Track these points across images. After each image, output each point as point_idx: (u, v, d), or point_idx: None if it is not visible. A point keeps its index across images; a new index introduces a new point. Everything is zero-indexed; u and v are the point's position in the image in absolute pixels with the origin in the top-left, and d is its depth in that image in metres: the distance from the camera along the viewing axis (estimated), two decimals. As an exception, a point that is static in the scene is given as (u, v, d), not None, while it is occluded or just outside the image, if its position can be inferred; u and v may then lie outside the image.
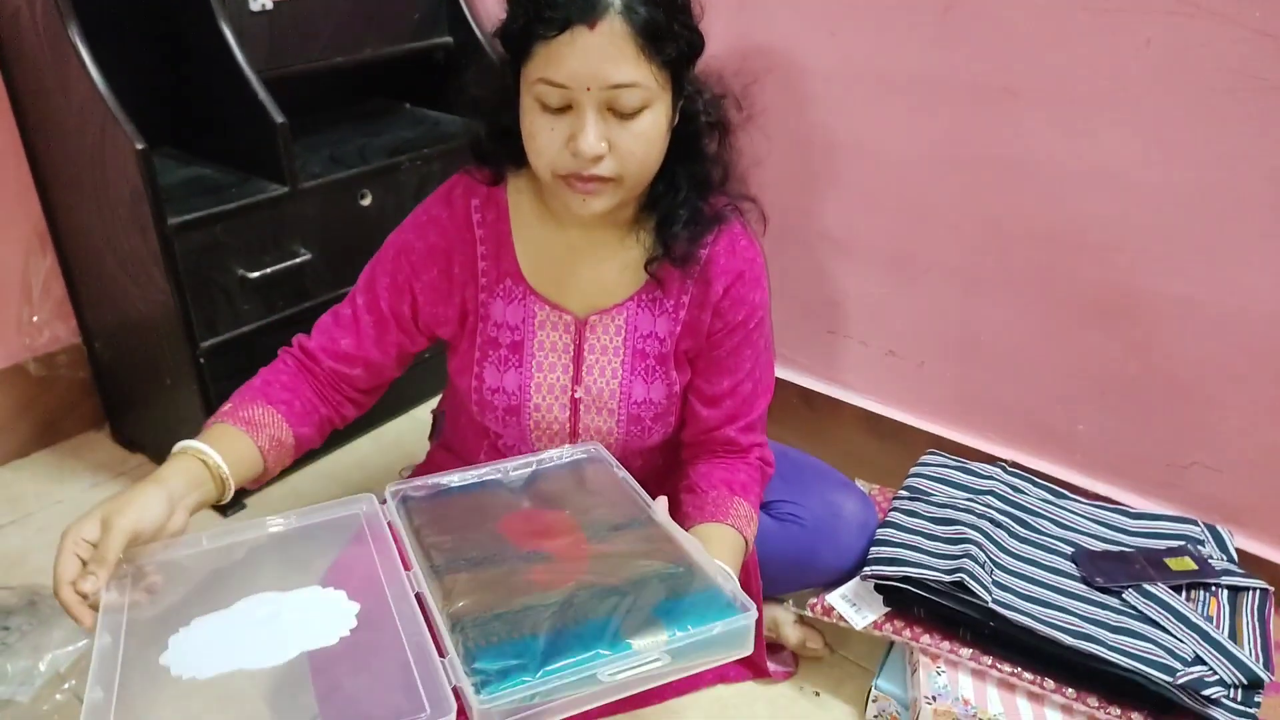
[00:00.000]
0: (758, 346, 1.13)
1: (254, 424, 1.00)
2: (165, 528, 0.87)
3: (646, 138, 0.93)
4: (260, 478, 1.03)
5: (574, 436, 1.14)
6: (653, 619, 0.81)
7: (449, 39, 1.82)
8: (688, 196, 1.04)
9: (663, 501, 0.98)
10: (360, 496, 0.99)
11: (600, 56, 0.87)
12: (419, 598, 0.86)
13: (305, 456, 1.70)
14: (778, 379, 1.66)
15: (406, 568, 0.89)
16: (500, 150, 1.04)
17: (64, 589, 0.81)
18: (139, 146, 1.30)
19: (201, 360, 1.46)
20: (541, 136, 0.93)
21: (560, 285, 1.09)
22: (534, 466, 1.04)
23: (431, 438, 1.46)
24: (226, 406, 1.03)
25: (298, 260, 1.52)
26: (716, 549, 1.02)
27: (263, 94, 1.42)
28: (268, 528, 0.95)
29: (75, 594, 0.81)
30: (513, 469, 1.04)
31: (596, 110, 0.90)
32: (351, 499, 0.99)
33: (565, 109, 0.91)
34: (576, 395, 1.11)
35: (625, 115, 0.91)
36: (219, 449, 0.94)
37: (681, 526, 1.06)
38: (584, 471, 1.04)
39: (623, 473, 1.01)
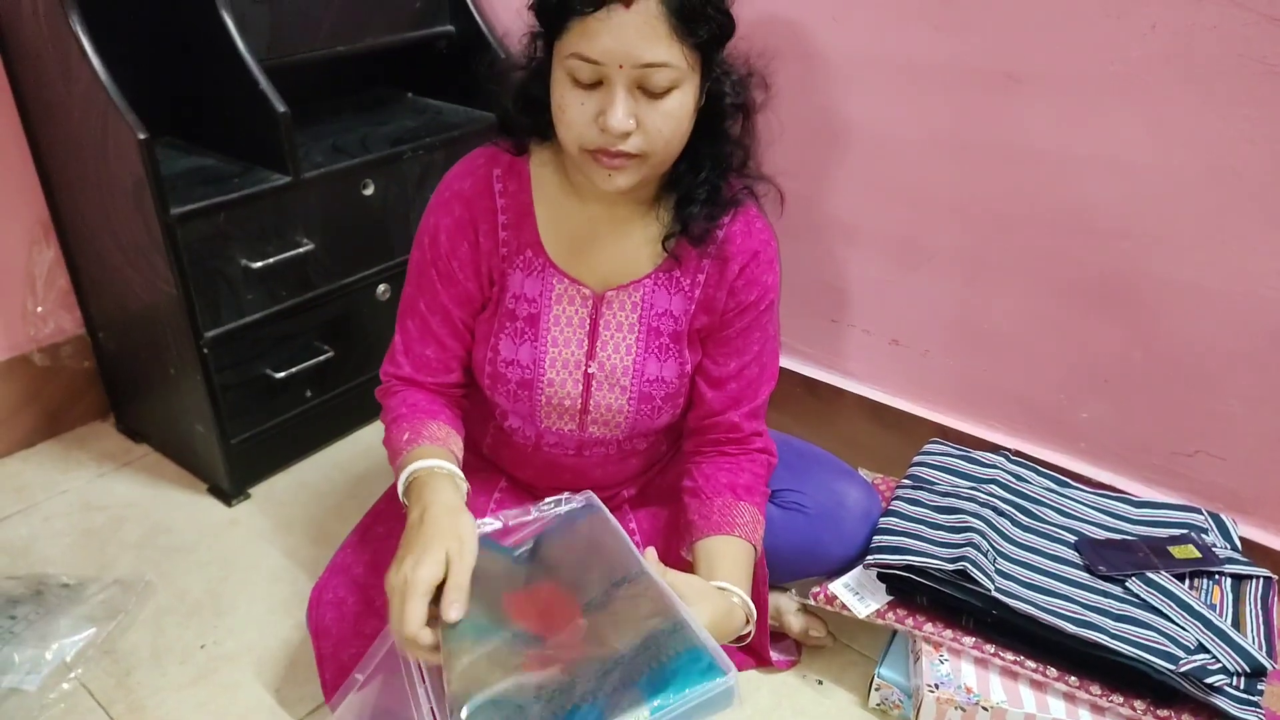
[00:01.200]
0: (767, 331, 1.14)
1: (440, 439, 1.05)
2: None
3: (674, 117, 0.94)
4: None
5: (584, 414, 1.13)
6: (637, 694, 0.81)
7: (451, 28, 1.81)
8: (708, 176, 1.05)
9: (651, 553, 0.96)
10: None
11: (634, 35, 0.89)
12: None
13: (309, 446, 1.72)
14: (781, 367, 1.66)
15: None
16: (527, 121, 1.05)
17: (422, 634, 0.85)
18: (141, 136, 1.30)
19: (205, 350, 1.46)
20: (571, 110, 0.94)
21: (579, 259, 1.10)
22: (532, 514, 1.01)
23: None
24: (406, 436, 1.05)
25: (300, 250, 1.52)
26: (724, 567, 1.03)
27: (264, 83, 1.42)
28: None
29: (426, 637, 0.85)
30: (512, 520, 1.01)
31: (626, 88, 0.91)
32: None
33: (596, 84, 0.92)
34: (590, 370, 1.11)
35: (654, 94, 0.92)
36: (450, 463, 1.01)
37: (689, 535, 1.09)
38: (579, 526, 1.01)
39: (614, 523, 1.00)
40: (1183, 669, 1.03)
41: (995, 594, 1.11)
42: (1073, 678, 1.09)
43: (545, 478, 1.23)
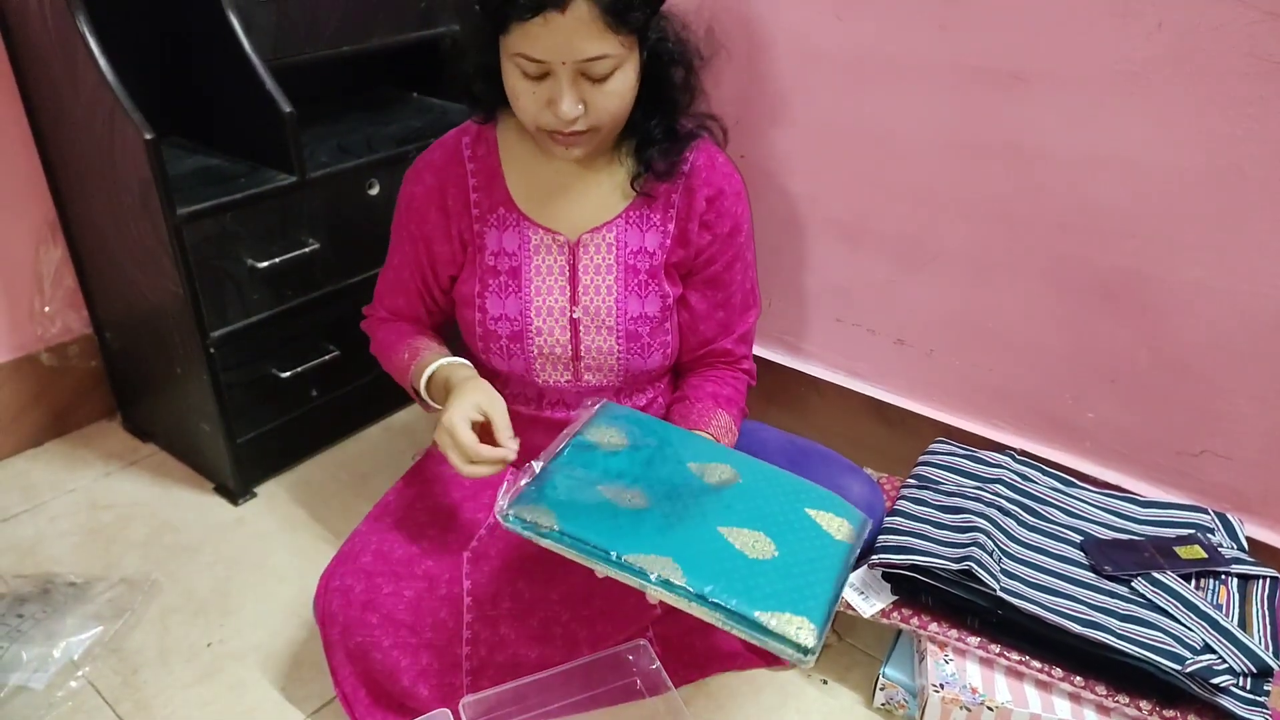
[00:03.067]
0: (745, 259, 1.23)
1: (437, 346, 1.23)
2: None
3: (619, 94, 1.03)
4: None
5: (576, 360, 1.19)
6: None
7: (456, 27, 1.81)
8: (660, 120, 1.12)
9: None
10: None
11: (571, 35, 0.96)
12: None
13: (314, 445, 1.73)
14: (785, 366, 1.67)
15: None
16: (489, 95, 1.12)
17: (482, 449, 1.03)
18: (147, 136, 1.30)
19: (211, 350, 1.47)
20: (524, 98, 1.03)
21: (551, 210, 1.17)
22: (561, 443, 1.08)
23: None
24: (406, 355, 1.21)
25: (306, 250, 1.53)
26: (704, 423, 1.17)
27: (270, 83, 1.42)
28: None
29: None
30: (543, 460, 1.06)
31: (571, 78, 1.00)
32: None
33: (543, 75, 1.00)
34: (575, 316, 1.17)
35: (598, 79, 1.01)
36: (456, 358, 1.18)
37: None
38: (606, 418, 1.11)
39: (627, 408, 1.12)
40: (1189, 669, 1.03)
41: (1000, 594, 1.11)
42: (1078, 678, 1.09)
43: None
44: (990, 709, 1.10)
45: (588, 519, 0.93)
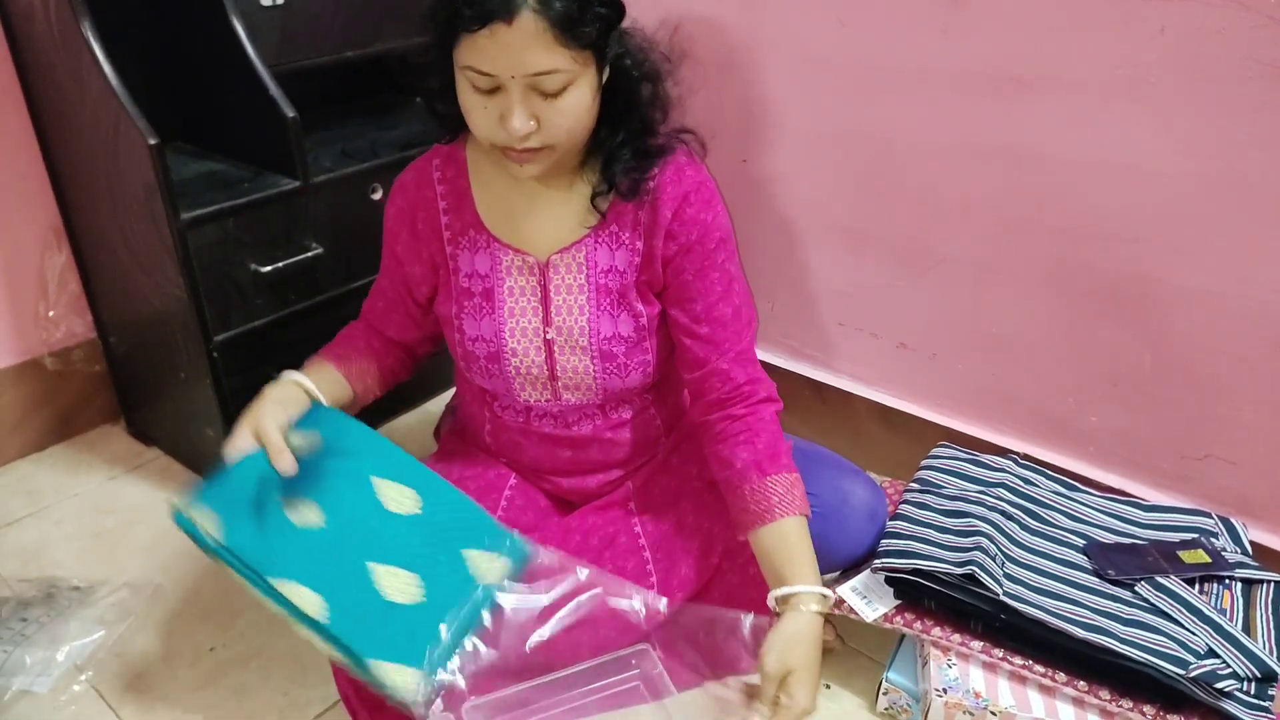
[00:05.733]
0: (725, 269, 1.14)
1: (319, 365, 1.19)
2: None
3: (572, 112, 1.00)
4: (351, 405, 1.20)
5: (553, 380, 1.17)
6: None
7: (459, 33, 1.82)
8: (628, 138, 1.10)
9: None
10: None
11: (520, 49, 0.93)
12: None
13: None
14: (788, 371, 1.67)
15: None
16: (450, 112, 1.09)
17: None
18: (152, 142, 1.31)
19: (215, 354, 1.47)
20: (476, 113, 1.01)
21: (520, 230, 1.15)
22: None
23: (436, 433, 1.48)
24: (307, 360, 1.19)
25: (309, 255, 1.53)
26: (780, 559, 1.07)
27: (274, 88, 1.42)
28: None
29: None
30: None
31: (522, 93, 0.97)
32: None
33: (495, 89, 0.98)
34: (549, 336, 1.15)
35: (550, 94, 0.97)
36: (312, 378, 1.13)
37: (739, 531, 1.13)
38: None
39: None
40: (1193, 674, 1.03)
41: (1004, 598, 1.11)
42: (1082, 682, 1.09)
43: (546, 459, 1.25)
44: (994, 714, 1.10)
45: (250, 532, 0.96)
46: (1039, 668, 1.11)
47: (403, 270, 1.20)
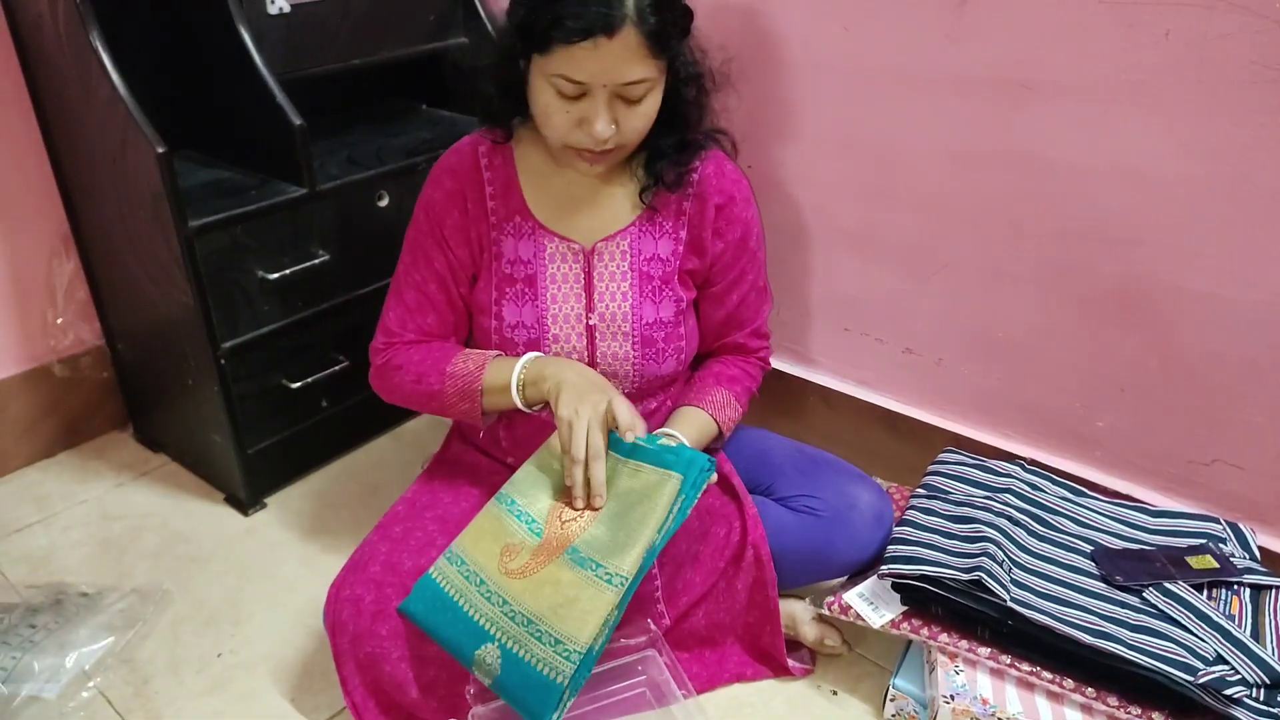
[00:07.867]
0: (756, 259, 1.27)
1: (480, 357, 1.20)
2: None
3: (648, 115, 1.08)
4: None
5: (592, 365, 1.20)
6: None
7: (465, 39, 1.82)
8: (673, 134, 1.15)
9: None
10: None
11: (617, 60, 0.99)
12: None
13: (324, 455, 1.73)
14: (793, 376, 1.67)
15: None
16: (509, 108, 1.14)
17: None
18: (159, 150, 1.31)
19: (222, 361, 1.48)
20: (556, 117, 1.05)
21: (566, 218, 1.19)
22: None
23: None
24: (472, 365, 1.17)
25: (316, 261, 1.54)
26: (682, 424, 1.20)
27: (281, 96, 1.43)
28: None
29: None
30: None
31: (608, 100, 1.03)
32: None
33: (580, 95, 1.03)
34: (591, 322, 1.19)
35: (632, 101, 1.04)
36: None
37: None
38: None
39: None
40: (1201, 680, 1.02)
41: (1011, 604, 1.11)
42: (1090, 689, 1.09)
43: None
44: (1001, 720, 1.09)
45: None
46: (1046, 674, 1.11)
47: (448, 258, 1.20)
